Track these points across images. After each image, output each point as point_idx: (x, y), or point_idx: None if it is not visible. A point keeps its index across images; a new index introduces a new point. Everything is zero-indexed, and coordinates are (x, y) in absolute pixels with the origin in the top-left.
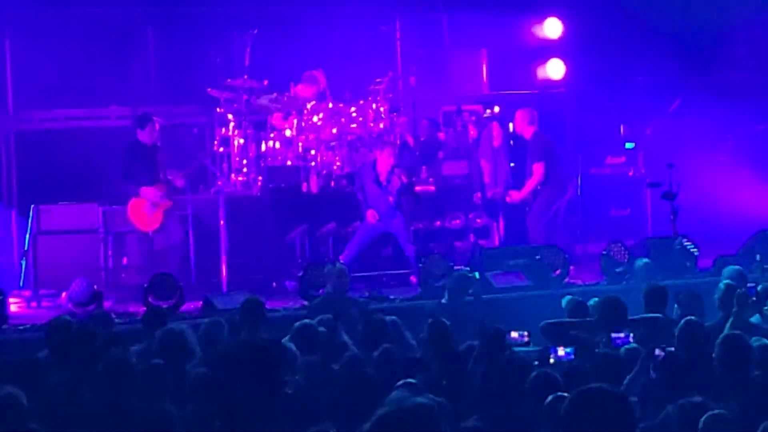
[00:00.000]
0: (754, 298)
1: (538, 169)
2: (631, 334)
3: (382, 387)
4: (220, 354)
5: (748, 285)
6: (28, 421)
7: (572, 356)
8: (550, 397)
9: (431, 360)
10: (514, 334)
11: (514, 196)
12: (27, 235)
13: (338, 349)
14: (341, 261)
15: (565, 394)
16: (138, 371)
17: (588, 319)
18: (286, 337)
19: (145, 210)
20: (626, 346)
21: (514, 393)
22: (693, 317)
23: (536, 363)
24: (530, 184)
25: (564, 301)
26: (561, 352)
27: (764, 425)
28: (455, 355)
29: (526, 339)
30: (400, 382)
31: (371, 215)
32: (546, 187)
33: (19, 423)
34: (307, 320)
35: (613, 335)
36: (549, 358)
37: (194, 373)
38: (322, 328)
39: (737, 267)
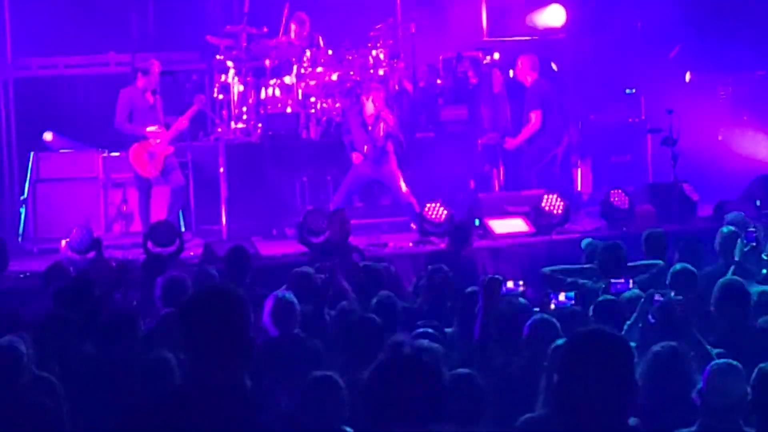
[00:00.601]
0: (754, 244)
1: (534, 118)
2: (631, 280)
3: (380, 334)
4: (184, 301)
5: (748, 230)
6: (29, 369)
7: (573, 301)
8: (553, 345)
9: (430, 308)
10: (509, 284)
11: (510, 142)
12: (26, 183)
13: (337, 297)
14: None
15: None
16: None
17: (587, 265)
18: (283, 287)
19: (146, 155)
20: (627, 292)
21: (513, 341)
22: (686, 264)
23: (536, 309)
24: (526, 132)
25: (583, 244)
26: (562, 297)
27: (757, 370)
28: (456, 303)
29: (521, 289)
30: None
31: (356, 157)
32: (541, 134)
33: (21, 370)
34: (304, 268)
35: (613, 281)
36: (550, 304)
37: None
38: (321, 275)
39: (739, 213)
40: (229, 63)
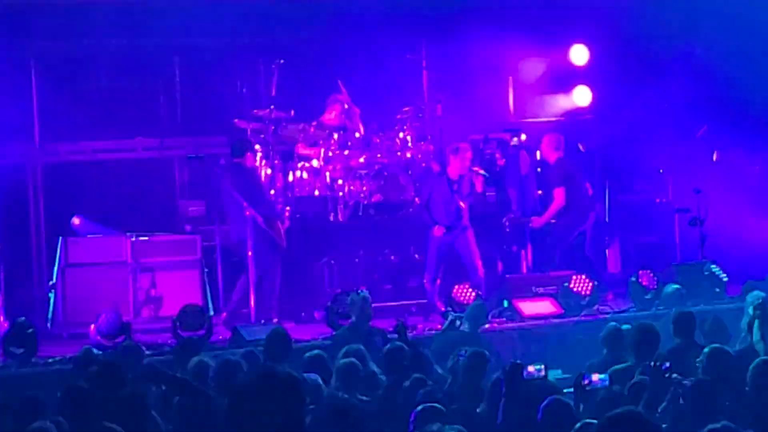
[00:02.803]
0: None
1: (558, 195)
2: (668, 363)
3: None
4: (238, 385)
5: None
6: None
7: (607, 383)
8: (578, 425)
9: (463, 390)
10: (530, 369)
11: (536, 221)
12: (55, 268)
13: (368, 379)
14: (425, 283)
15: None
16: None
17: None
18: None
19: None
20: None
21: (534, 423)
22: (717, 344)
23: (569, 389)
24: (551, 210)
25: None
26: (595, 378)
27: None
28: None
29: (542, 373)
30: (421, 407)
31: (437, 230)
32: (567, 212)
33: None
34: (316, 351)
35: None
36: (583, 384)
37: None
38: (350, 359)
39: (760, 292)
40: (257, 146)
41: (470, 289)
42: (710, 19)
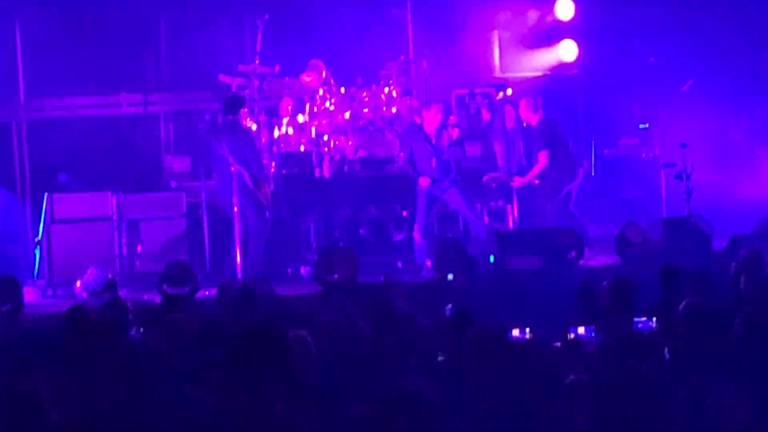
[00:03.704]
0: None
1: (542, 157)
2: (654, 318)
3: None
4: (226, 341)
5: None
6: (48, 413)
7: (592, 335)
8: (569, 379)
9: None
10: (515, 332)
11: (517, 181)
12: (41, 224)
13: (353, 334)
14: (414, 234)
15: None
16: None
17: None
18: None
19: None
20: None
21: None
22: (696, 300)
23: (557, 344)
24: (534, 171)
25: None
26: (581, 330)
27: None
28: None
29: (527, 337)
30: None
31: (423, 181)
32: (553, 171)
33: (39, 414)
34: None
35: (636, 319)
36: (569, 339)
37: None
38: (336, 315)
39: (751, 247)
40: None
41: (458, 244)
42: None
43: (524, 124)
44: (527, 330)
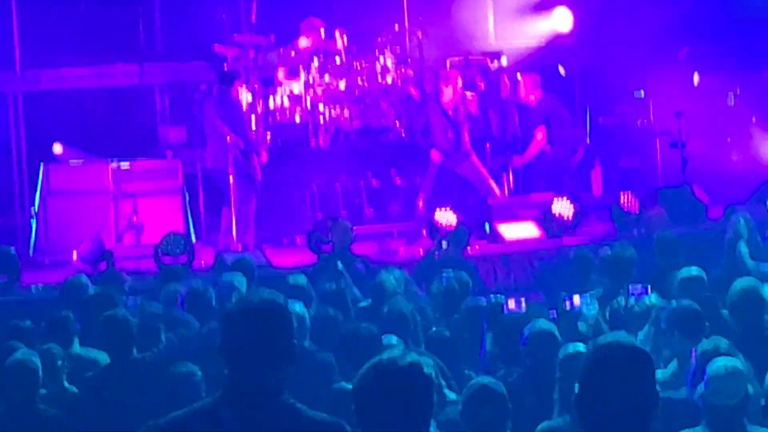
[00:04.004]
0: None
1: (541, 135)
2: (649, 287)
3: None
4: (228, 311)
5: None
6: (42, 385)
7: (589, 303)
8: (564, 353)
9: (440, 314)
10: (511, 304)
11: (517, 160)
12: (37, 195)
13: (348, 304)
14: (417, 203)
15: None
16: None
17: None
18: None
19: None
20: (644, 299)
21: (515, 353)
22: (695, 268)
23: (552, 312)
24: (533, 149)
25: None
26: (576, 300)
27: None
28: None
29: (522, 308)
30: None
31: (435, 155)
32: (553, 149)
33: (34, 386)
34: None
35: (631, 287)
36: (564, 308)
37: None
38: (333, 284)
39: (743, 215)
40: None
41: (451, 212)
42: None
43: (523, 99)
44: (522, 300)
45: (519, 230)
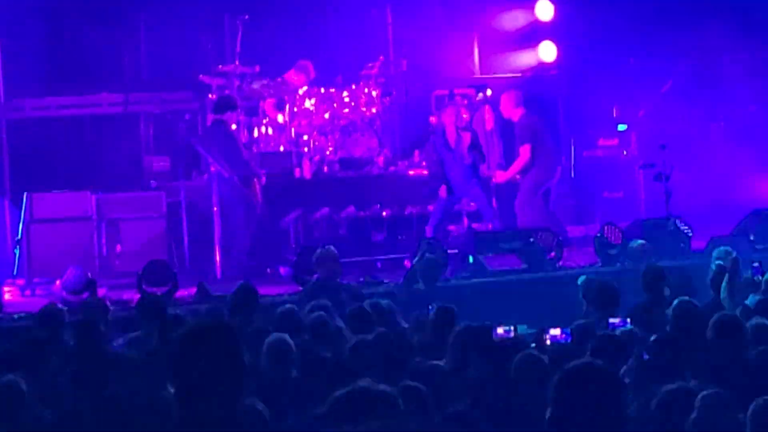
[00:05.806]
0: (760, 277)
1: (523, 152)
2: (628, 319)
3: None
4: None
5: (753, 265)
6: (28, 407)
7: (569, 337)
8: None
9: (430, 345)
10: (500, 330)
11: (499, 176)
12: (20, 224)
13: (334, 335)
14: (426, 230)
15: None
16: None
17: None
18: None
19: None
20: (623, 329)
21: (504, 378)
22: (685, 298)
23: (532, 345)
24: (515, 166)
25: (579, 281)
26: (556, 332)
27: (753, 405)
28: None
29: (512, 334)
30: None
31: (442, 191)
32: (533, 169)
33: (20, 409)
34: (288, 306)
35: (611, 320)
36: (545, 340)
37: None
38: (317, 313)
39: (726, 247)
40: None
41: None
42: None
43: (505, 120)
44: (511, 328)
45: (502, 262)
